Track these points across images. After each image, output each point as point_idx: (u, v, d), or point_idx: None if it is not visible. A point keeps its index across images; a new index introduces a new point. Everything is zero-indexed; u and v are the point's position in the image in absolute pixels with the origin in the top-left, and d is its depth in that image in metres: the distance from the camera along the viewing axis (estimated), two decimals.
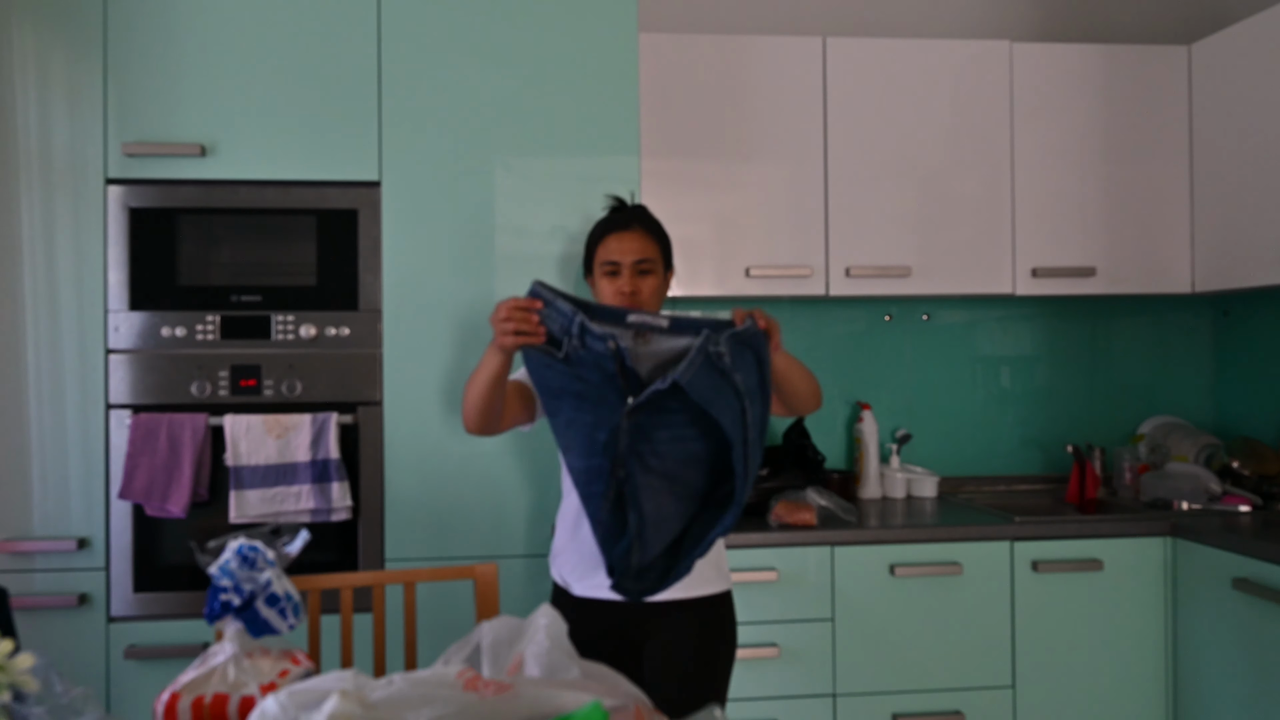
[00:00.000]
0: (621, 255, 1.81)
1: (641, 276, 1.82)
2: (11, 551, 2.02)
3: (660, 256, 1.86)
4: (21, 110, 2.05)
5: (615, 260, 1.82)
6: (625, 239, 1.83)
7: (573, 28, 2.17)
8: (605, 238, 1.85)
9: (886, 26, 2.90)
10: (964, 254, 2.56)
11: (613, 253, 1.82)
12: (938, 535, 2.27)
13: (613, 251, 1.82)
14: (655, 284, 1.84)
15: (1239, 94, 2.46)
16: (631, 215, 1.88)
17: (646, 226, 1.86)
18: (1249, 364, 2.84)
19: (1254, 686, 2.07)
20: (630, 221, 1.86)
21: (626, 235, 1.83)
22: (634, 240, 1.83)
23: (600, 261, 1.84)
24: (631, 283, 1.81)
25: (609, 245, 1.83)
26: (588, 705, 0.92)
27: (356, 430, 2.11)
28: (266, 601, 1.19)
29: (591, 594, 1.76)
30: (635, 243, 1.83)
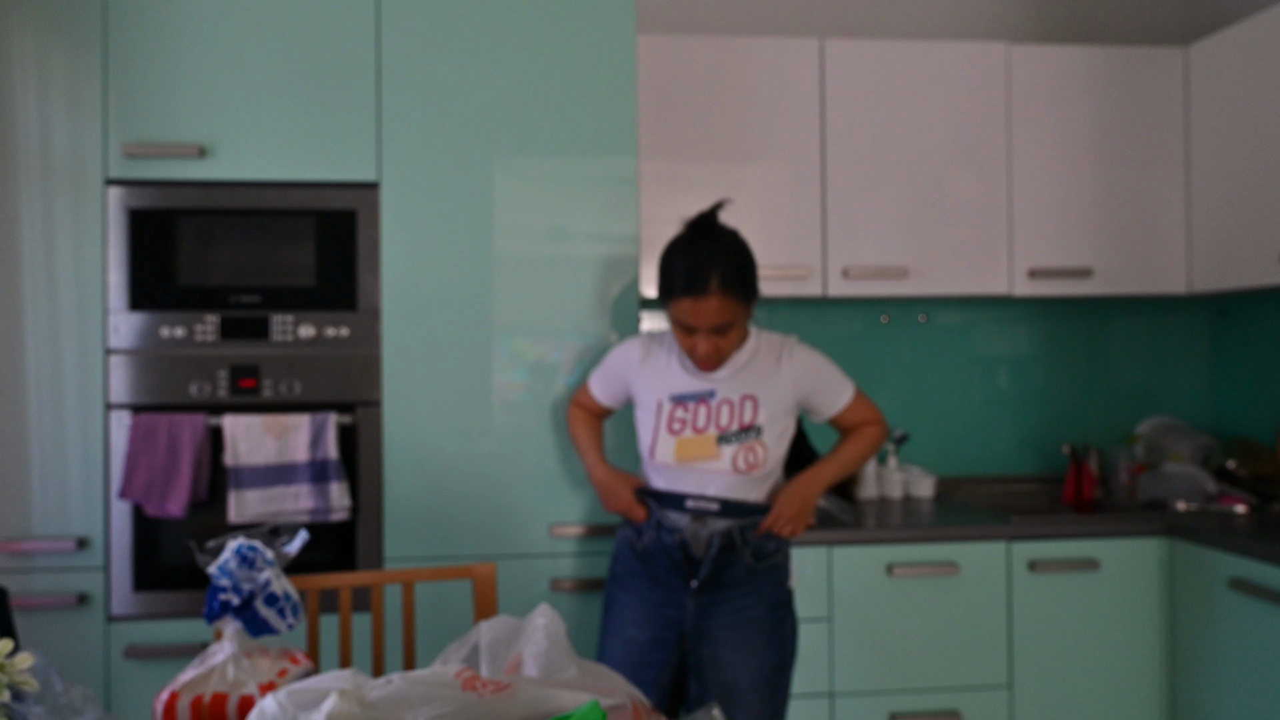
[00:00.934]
0: (696, 320, 1.70)
1: (721, 334, 1.73)
2: (11, 551, 2.02)
3: (742, 308, 1.73)
4: (21, 111, 2.06)
5: (690, 324, 1.72)
6: (700, 306, 1.68)
7: (571, 29, 2.17)
8: (680, 300, 1.70)
9: (884, 28, 2.90)
10: (961, 255, 2.57)
11: (686, 315, 1.70)
12: (935, 535, 2.27)
13: (686, 314, 1.70)
14: (736, 336, 1.75)
15: (1236, 96, 2.47)
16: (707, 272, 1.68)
17: (725, 286, 1.68)
18: (1245, 365, 2.84)
19: (1250, 686, 2.08)
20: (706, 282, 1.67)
21: (703, 303, 1.68)
22: (711, 306, 1.68)
23: (673, 314, 1.74)
24: (710, 342, 1.72)
25: (684, 306, 1.70)
26: (586, 705, 0.92)
27: (355, 430, 2.12)
28: (265, 601, 1.20)
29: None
30: (713, 309, 1.69)
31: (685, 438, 1.77)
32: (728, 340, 1.75)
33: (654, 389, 1.83)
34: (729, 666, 1.77)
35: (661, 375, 1.83)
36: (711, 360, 1.76)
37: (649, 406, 1.83)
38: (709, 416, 1.78)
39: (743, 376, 1.81)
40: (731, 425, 1.77)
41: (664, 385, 1.82)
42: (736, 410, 1.77)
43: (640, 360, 1.87)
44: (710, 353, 1.74)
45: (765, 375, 1.81)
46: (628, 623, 1.83)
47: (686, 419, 1.78)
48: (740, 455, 1.76)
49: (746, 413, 1.77)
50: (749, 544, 1.79)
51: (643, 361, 1.87)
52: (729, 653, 1.77)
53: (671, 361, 1.85)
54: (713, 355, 1.74)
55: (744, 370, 1.81)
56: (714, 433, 1.77)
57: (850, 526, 2.28)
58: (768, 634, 1.80)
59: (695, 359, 1.76)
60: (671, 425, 1.79)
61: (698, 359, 1.76)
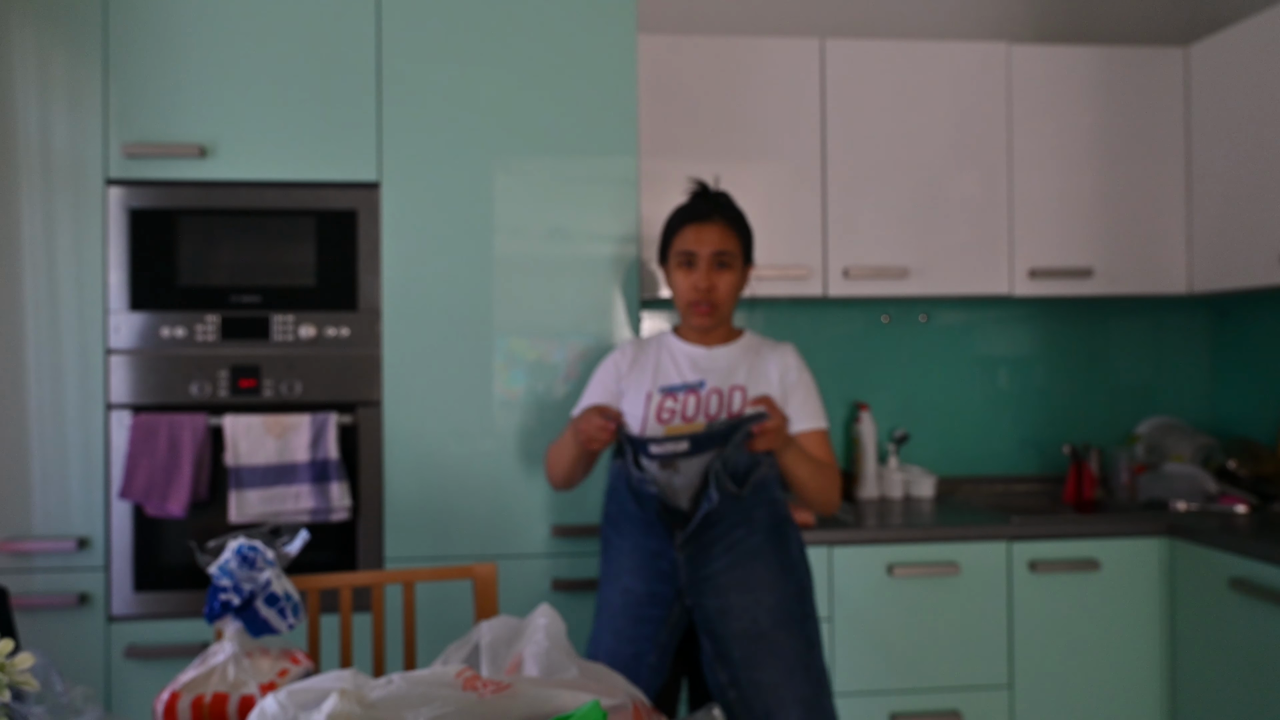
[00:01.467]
0: (699, 246, 1.75)
1: (719, 271, 1.76)
2: (12, 551, 2.02)
3: (740, 250, 1.80)
4: (22, 111, 2.06)
5: (691, 251, 1.76)
6: (705, 230, 1.76)
7: (571, 29, 2.17)
8: (683, 228, 1.78)
9: (884, 28, 2.90)
10: (962, 255, 2.57)
11: (689, 243, 1.76)
12: (935, 535, 2.27)
13: (689, 241, 1.77)
14: (732, 280, 1.78)
15: (1236, 96, 2.47)
16: (714, 204, 1.79)
17: (728, 218, 1.78)
18: (1246, 364, 2.84)
19: (1251, 686, 2.08)
20: (712, 212, 1.78)
21: (707, 227, 1.76)
22: (714, 231, 1.76)
23: (676, 251, 1.79)
24: (708, 277, 1.76)
25: (686, 235, 1.77)
26: (586, 705, 0.92)
27: (356, 430, 2.12)
28: (266, 601, 1.20)
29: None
30: (715, 234, 1.75)
31: (674, 426, 1.76)
32: (725, 280, 1.77)
33: (643, 384, 1.82)
34: (743, 612, 1.65)
35: (651, 371, 1.82)
36: (708, 301, 1.77)
37: (638, 400, 1.81)
38: (698, 406, 1.77)
39: (733, 368, 1.81)
40: (720, 414, 1.76)
41: (653, 379, 1.81)
42: (725, 400, 1.77)
43: (630, 363, 1.85)
44: (709, 287, 1.75)
45: (755, 369, 1.81)
46: (624, 570, 1.74)
47: (675, 409, 1.77)
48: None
49: (735, 402, 1.77)
50: (727, 467, 1.65)
51: (632, 364, 1.85)
52: (737, 596, 1.66)
53: (661, 357, 1.84)
54: (710, 293, 1.76)
55: (736, 361, 1.82)
56: (703, 420, 1.76)
57: (851, 526, 2.28)
58: (776, 561, 1.69)
59: (694, 300, 1.77)
60: (660, 415, 1.77)
61: (697, 296, 1.76)
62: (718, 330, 1.85)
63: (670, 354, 1.85)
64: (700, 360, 1.82)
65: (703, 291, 1.76)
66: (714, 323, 1.82)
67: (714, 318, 1.80)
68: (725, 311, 1.81)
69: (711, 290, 1.76)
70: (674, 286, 1.82)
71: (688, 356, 1.83)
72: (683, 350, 1.84)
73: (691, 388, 1.79)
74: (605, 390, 1.86)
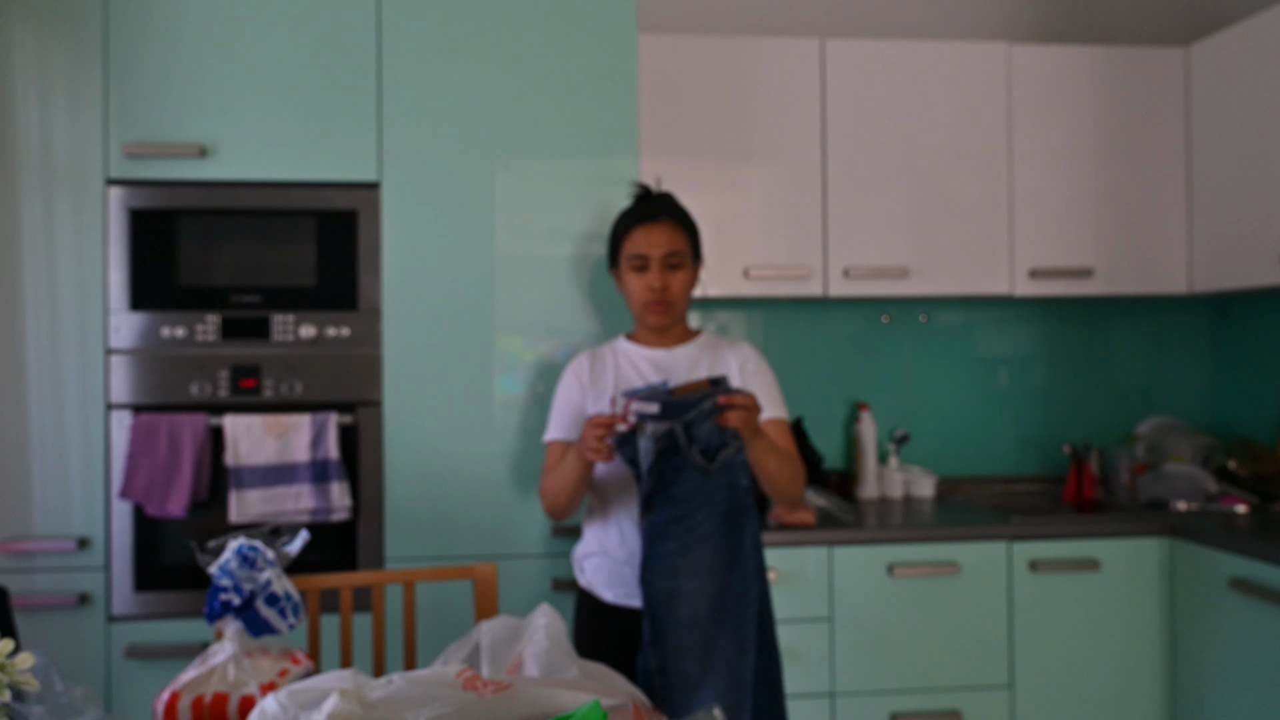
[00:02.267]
0: (650, 248, 1.77)
1: (671, 271, 1.78)
2: (12, 551, 2.02)
3: (690, 248, 1.82)
4: (22, 111, 2.06)
5: (643, 254, 1.77)
6: (654, 231, 1.78)
7: (572, 28, 2.17)
8: (632, 230, 1.80)
9: (885, 28, 2.90)
10: (962, 255, 2.57)
11: (640, 245, 1.78)
12: (936, 535, 2.27)
13: (640, 244, 1.78)
14: (685, 279, 1.80)
15: (1236, 95, 2.47)
16: (659, 205, 1.82)
17: (675, 217, 1.81)
18: (1246, 364, 2.84)
19: (1251, 686, 2.08)
20: (658, 212, 1.80)
21: (655, 227, 1.78)
22: (663, 232, 1.78)
23: (627, 255, 1.80)
24: (661, 278, 1.77)
25: (636, 238, 1.79)
26: (587, 705, 0.92)
27: (356, 430, 2.12)
28: (266, 601, 1.20)
29: (621, 602, 1.76)
30: (664, 235, 1.77)
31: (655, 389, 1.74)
32: (677, 280, 1.78)
33: (605, 392, 1.80)
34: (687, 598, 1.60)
35: (610, 378, 1.81)
36: (663, 300, 1.77)
37: (603, 409, 1.78)
38: None
39: (694, 365, 1.81)
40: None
41: (615, 386, 1.80)
42: None
43: (589, 369, 1.83)
44: (662, 288, 1.76)
45: (715, 364, 1.82)
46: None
47: None
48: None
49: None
50: (696, 440, 1.61)
51: (591, 370, 1.83)
52: (685, 581, 1.61)
53: (620, 363, 1.83)
54: (664, 292, 1.76)
55: (696, 359, 1.82)
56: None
57: (851, 526, 2.28)
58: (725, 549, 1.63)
59: (648, 301, 1.77)
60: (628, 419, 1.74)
61: (651, 297, 1.77)
62: (674, 330, 1.85)
63: (629, 360, 1.84)
64: (661, 361, 1.82)
65: (657, 291, 1.77)
66: (670, 321, 1.81)
67: (670, 316, 1.80)
68: (680, 310, 1.82)
69: (666, 290, 1.77)
70: (627, 289, 1.82)
71: (647, 359, 1.83)
72: (641, 354, 1.84)
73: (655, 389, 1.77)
74: (571, 405, 1.83)
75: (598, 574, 1.80)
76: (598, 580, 1.80)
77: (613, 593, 1.78)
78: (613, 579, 1.78)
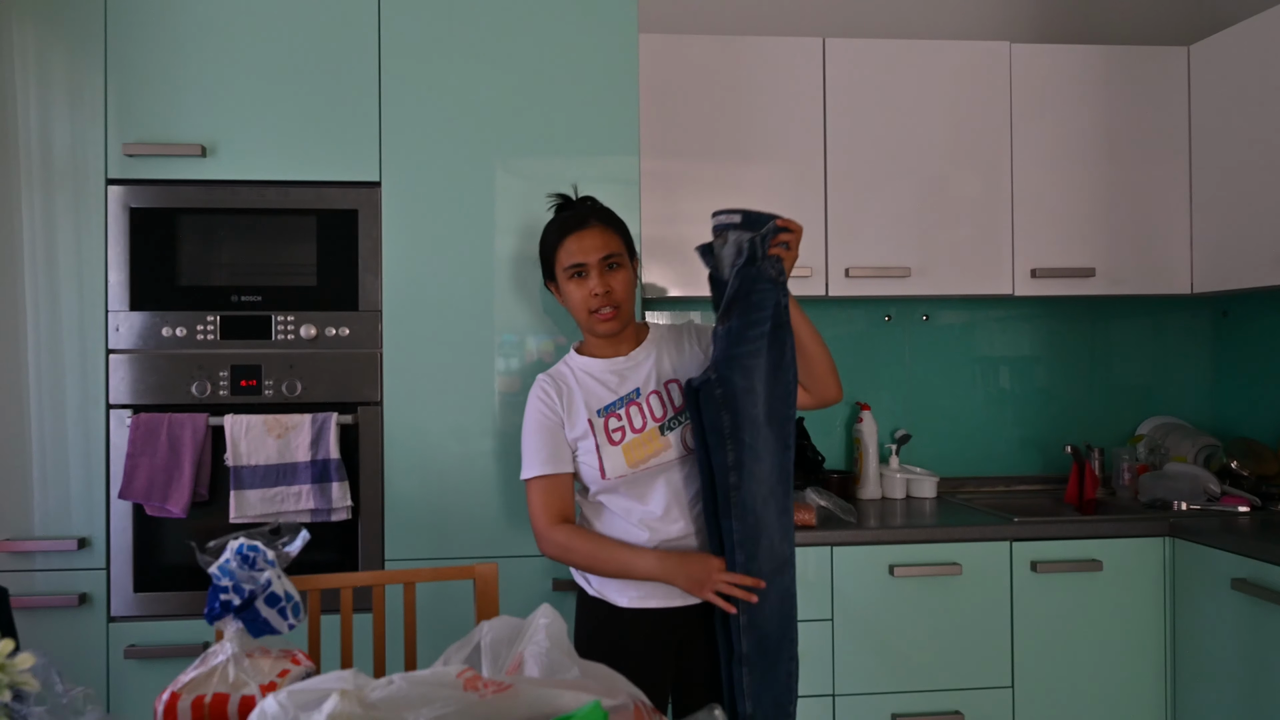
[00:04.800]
0: (584, 255, 1.72)
1: (612, 272, 1.74)
2: (12, 551, 2.02)
3: (624, 248, 1.77)
4: (22, 110, 2.05)
5: (579, 262, 1.73)
6: (585, 238, 1.73)
7: (572, 28, 2.17)
8: (563, 240, 1.75)
9: (886, 27, 2.90)
10: (963, 255, 2.57)
11: (575, 254, 1.73)
12: (937, 536, 2.27)
13: (574, 253, 1.73)
14: (626, 278, 1.76)
15: (1238, 95, 2.47)
16: (585, 211, 1.77)
17: (604, 220, 1.76)
18: (1248, 365, 2.84)
19: (1253, 686, 2.07)
20: (586, 218, 1.75)
21: (586, 234, 1.73)
22: (594, 237, 1.73)
23: (563, 266, 1.75)
24: (603, 281, 1.72)
25: (569, 247, 1.74)
26: (587, 705, 0.92)
27: (356, 430, 2.12)
28: (266, 601, 1.19)
29: (636, 604, 1.74)
30: (596, 238, 1.73)
31: (629, 442, 1.72)
32: (618, 280, 1.74)
33: (579, 414, 1.76)
34: (757, 399, 1.68)
35: (580, 400, 1.77)
36: (609, 305, 1.73)
37: (582, 431, 1.75)
38: (643, 414, 1.74)
39: (657, 364, 1.79)
40: (667, 413, 1.74)
41: (587, 406, 1.76)
42: (665, 398, 1.75)
43: (555, 394, 1.78)
44: (604, 291, 1.72)
45: (676, 357, 1.80)
46: None
47: (622, 425, 1.73)
48: (686, 434, 1.73)
49: (675, 397, 1.75)
50: (760, 256, 1.68)
51: (558, 394, 1.78)
52: (757, 382, 1.69)
53: (582, 380, 1.79)
54: (608, 297, 1.73)
55: (656, 357, 1.80)
56: (654, 427, 1.73)
57: (852, 527, 2.28)
58: (774, 357, 1.71)
59: (593, 309, 1.74)
60: (610, 437, 1.73)
61: (596, 304, 1.73)
62: (626, 334, 1.80)
63: (590, 376, 1.79)
64: (623, 369, 1.79)
65: (601, 296, 1.72)
66: (620, 325, 1.76)
67: (620, 320, 1.75)
68: (628, 310, 1.77)
69: (610, 293, 1.73)
70: (569, 301, 1.77)
71: (609, 371, 1.79)
72: (600, 367, 1.79)
73: (628, 399, 1.75)
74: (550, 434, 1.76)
75: (607, 583, 1.76)
76: (609, 588, 1.76)
77: (626, 597, 1.75)
78: (625, 584, 1.74)
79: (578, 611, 1.84)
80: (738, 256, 1.68)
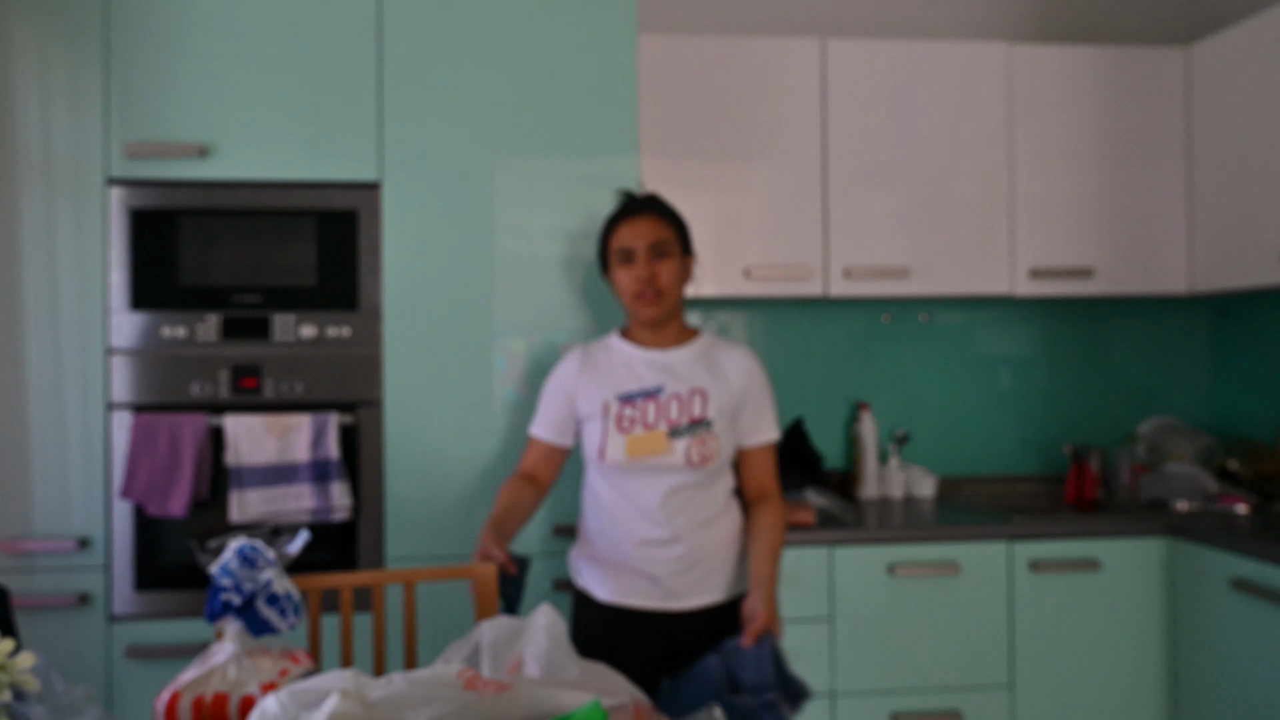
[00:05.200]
0: (634, 240, 1.77)
1: (659, 260, 1.77)
2: (12, 551, 2.02)
3: (677, 239, 1.81)
4: (22, 110, 2.06)
5: (628, 246, 1.77)
6: (637, 224, 1.79)
7: (573, 28, 2.17)
8: (617, 227, 1.81)
9: (885, 28, 2.90)
10: (962, 255, 2.57)
11: (625, 239, 1.78)
12: (936, 535, 2.27)
13: (625, 238, 1.78)
14: (673, 268, 1.78)
15: (1237, 95, 2.47)
16: (643, 201, 1.84)
17: (659, 211, 1.82)
18: (1247, 365, 2.84)
19: (1252, 686, 2.08)
20: (642, 207, 1.82)
21: (638, 220, 1.79)
22: (647, 224, 1.78)
23: (614, 251, 1.80)
24: (648, 266, 1.75)
25: (621, 233, 1.80)
26: (587, 705, 0.92)
27: (356, 430, 2.12)
28: (267, 601, 1.20)
29: (612, 600, 1.77)
30: (648, 226, 1.78)
31: (636, 435, 1.73)
32: (665, 268, 1.76)
33: (599, 392, 1.79)
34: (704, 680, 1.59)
35: (605, 378, 1.80)
36: (652, 289, 1.75)
37: (594, 410, 1.78)
38: (658, 412, 1.75)
39: (692, 370, 1.79)
40: (682, 419, 1.74)
41: (609, 386, 1.78)
42: (685, 404, 1.75)
43: (579, 369, 1.83)
44: (649, 277, 1.75)
45: (714, 370, 1.80)
46: None
47: (636, 416, 1.75)
48: (693, 448, 1.73)
49: (695, 406, 1.75)
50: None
51: (581, 369, 1.82)
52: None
53: (614, 362, 1.81)
54: (652, 282, 1.75)
55: (694, 363, 1.80)
56: (664, 428, 1.73)
57: (852, 526, 2.28)
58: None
59: (638, 290, 1.76)
60: (621, 424, 1.75)
61: (640, 287, 1.75)
62: (670, 328, 1.82)
63: (624, 359, 1.82)
64: (657, 363, 1.80)
65: (645, 281, 1.75)
66: (661, 312, 1.78)
67: (661, 306, 1.77)
68: (671, 299, 1.78)
69: (654, 279, 1.75)
70: (617, 285, 1.81)
71: (643, 360, 1.80)
72: (637, 355, 1.81)
73: (650, 393, 1.76)
74: (558, 401, 1.84)
75: (592, 575, 1.81)
76: (592, 581, 1.81)
77: (605, 590, 1.78)
78: (605, 578, 1.78)
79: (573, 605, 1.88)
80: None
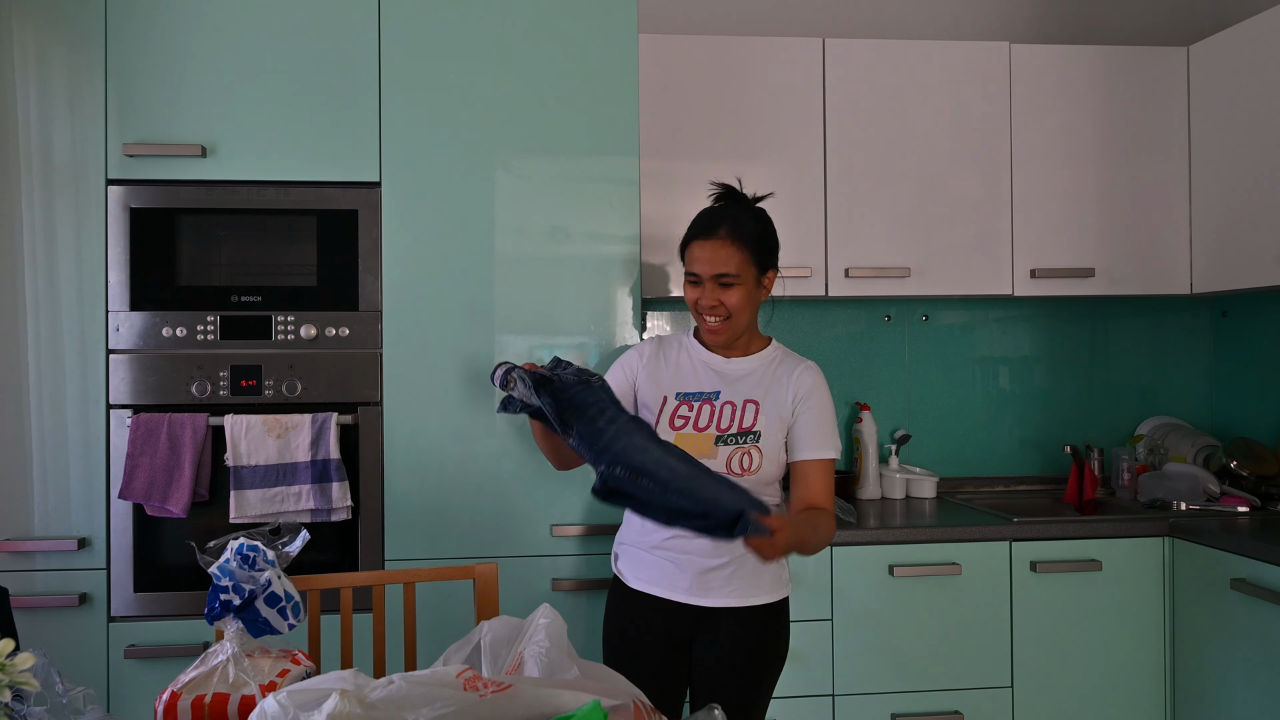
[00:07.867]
0: (701, 267, 1.73)
1: (724, 289, 1.73)
2: (12, 551, 2.02)
3: (750, 263, 1.73)
4: (22, 111, 2.06)
5: (696, 272, 1.74)
6: (707, 248, 1.72)
7: (573, 28, 2.17)
8: (690, 244, 1.76)
9: (885, 28, 2.90)
10: (963, 255, 2.57)
11: (693, 262, 1.75)
12: (937, 536, 2.27)
13: (694, 261, 1.74)
14: (740, 295, 1.73)
15: (1237, 95, 2.47)
16: (720, 219, 1.74)
17: (735, 233, 1.72)
18: (1247, 365, 2.84)
19: (1253, 686, 2.07)
20: (716, 228, 1.72)
21: (709, 245, 1.72)
22: (716, 250, 1.71)
23: (686, 267, 1.77)
24: (712, 295, 1.73)
25: (693, 253, 1.75)
26: (587, 705, 0.92)
27: (356, 430, 2.12)
28: (266, 601, 1.20)
29: (640, 588, 1.79)
30: (718, 253, 1.71)
31: (685, 433, 1.76)
32: (731, 297, 1.73)
33: (662, 385, 1.82)
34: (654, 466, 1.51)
35: (671, 372, 1.83)
36: (716, 317, 1.74)
37: (654, 401, 1.81)
38: (711, 416, 1.77)
39: (751, 381, 1.80)
40: (731, 428, 1.76)
41: (672, 382, 1.82)
42: (738, 413, 1.77)
43: (651, 355, 1.87)
44: (712, 306, 1.74)
45: (773, 384, 1.79)
46: None
47: (689, 416, 1.78)
48: (736, 458, 1.74)
49: (747, 417, 1.76)
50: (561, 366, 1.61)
51: (653, 356, 1.86)
52: (639, 457, 1.56)
53: (682, 360, 1.84)
54: (716, 310, 1.74)
55: (755, 375, 1.81)
56: (713, 433, 1.75)
57: (852, 527, 2.28)
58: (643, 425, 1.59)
59: (701, 317, 1.77)
60: (674, 421, 1.78)
61: (703, 313, 1.76)
62: (739, 340, 1.82)
63: (690, 358, 1.84)
64: (719, 369, 1.82)
65: (707, 308, 1.75)
66: (726, 339, 1.79)
67: (725, 334, 1.77)
68: (739, 323, 1.77)
69: (717, 307, 1.74)
70: (686, 297, 1.80)
71: (707, 365, 1.83)
72: (703, 358, 1.84)
73: (706, 398, 1.79)
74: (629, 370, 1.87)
75: (625, 561, 1.84)
76: (625, 567, 1.84)
77: (634, 577, 1.81)
78: (635, 565, 1.81)
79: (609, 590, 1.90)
80: (527, 387, 1.56)
